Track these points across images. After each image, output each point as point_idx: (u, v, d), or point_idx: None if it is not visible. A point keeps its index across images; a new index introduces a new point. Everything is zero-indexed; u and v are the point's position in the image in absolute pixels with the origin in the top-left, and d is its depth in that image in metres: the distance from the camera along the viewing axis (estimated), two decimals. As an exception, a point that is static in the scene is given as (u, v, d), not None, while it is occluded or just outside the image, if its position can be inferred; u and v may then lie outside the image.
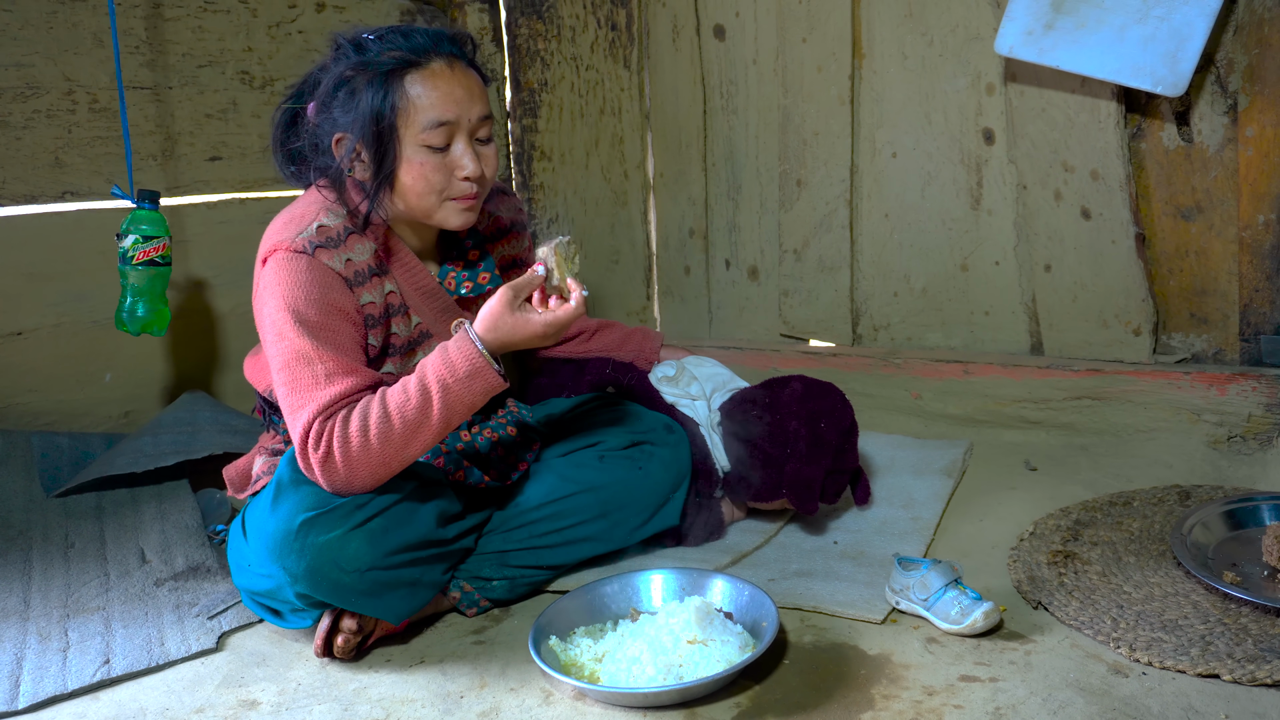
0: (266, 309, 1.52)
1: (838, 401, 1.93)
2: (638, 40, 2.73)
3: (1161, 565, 1.69)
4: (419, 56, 1.53)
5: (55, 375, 2.30)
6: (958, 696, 1.37)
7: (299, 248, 1.52)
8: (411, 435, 1.46)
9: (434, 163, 1.55)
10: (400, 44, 1.54)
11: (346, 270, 1.55)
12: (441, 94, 1.54)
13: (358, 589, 1.48)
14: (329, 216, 1.57)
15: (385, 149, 1.54)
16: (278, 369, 1.50)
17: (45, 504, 2.06)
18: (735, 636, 1.47)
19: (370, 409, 1.46)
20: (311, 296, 1.50)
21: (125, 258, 2.13)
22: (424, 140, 1.54)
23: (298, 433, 1.46)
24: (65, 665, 1.53)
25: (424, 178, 1.55)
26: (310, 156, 1.62)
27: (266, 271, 1.54)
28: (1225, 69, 2.12)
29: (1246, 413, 2.14)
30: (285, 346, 1.49)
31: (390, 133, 1.53)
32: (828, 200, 2.57)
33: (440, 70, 1.55)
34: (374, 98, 1.52)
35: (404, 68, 1.53)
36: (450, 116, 1.54)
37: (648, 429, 1.86)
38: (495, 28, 2.84)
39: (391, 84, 1.52)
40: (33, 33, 2.21)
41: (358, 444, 1.44)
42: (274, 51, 2.56)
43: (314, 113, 1.60)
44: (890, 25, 2.45)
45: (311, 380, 1.47)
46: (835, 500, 1.93)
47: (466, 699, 1.44)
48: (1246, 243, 2.17)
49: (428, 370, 1.48)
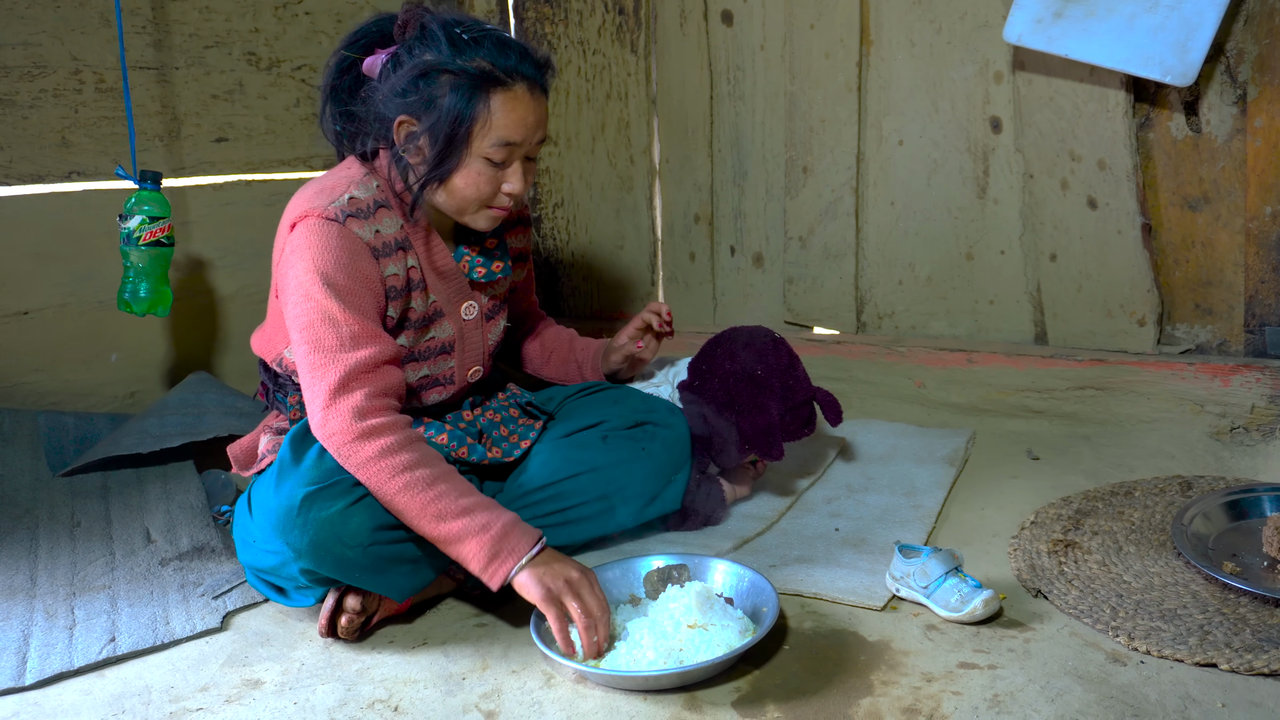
0: (293, 271, 1.54)
1: (768, 343, 1.95)
2: (645, 25, 2.72)
3: (1162, 555, 1.70)
4: (509, 77, 1.56)
5: (61, 355, 2.31)
6: (956, 683, 1.38)
7: (331, 215, 1.55)
8: (418, 511, 1.45)
9: (488, 174, 1.59)
10: (494, 57, 1.56)
11: (375, 241, 1.58)
12: (518, 118, 1.57)
13: (361, 564, 1.49)
14: (360, 189, 1.61)
15: (452, 151, 1.57)
16: (301, 328, 1.51)
17: (51, 483, 2.07)
18: (736, 621, 1.48)
19: (431, 463, 1.47)
20: (340, 261, 1.53)
21: (130, 239, 2.13)
22: (488, 154, 1.58)
23: (324, 385, 1.47)
24: (71, 643, 1.55)
25: (475, 185, 1.59)
26: (362, 125, 1.63)
27: (296, 235, 1.55)
28: (1235, 59, 2.11)
29: (1250, 404, 2.14)
30: (311, 307, 1.51)
31: (464, 140, 1.56)
32: (833, 187, 2.57)
33: (522, 95, 1.58)
34: (458, 102, 1.54)
35: (492, 83, 1.55)
36: (518, 139, 1.58)
37: (650, 409, 1.87)
38: (503, 11, 2.84)
39: (477, 95, 1.55)
40: (40, 11, 2.21)
41: (388, 466, 1.45)
42: (281, 32, 2.56)
43: (384, 85, 1.59)
44: (898, 12, 2.44)
45: (336, 341, 1.49)
46: (806, 433, 1.95)
47: (469, 680, 1.45)
48: (1253, 234, 2.16)
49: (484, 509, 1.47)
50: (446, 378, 1.74)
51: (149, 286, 2.16)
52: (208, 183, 2.49)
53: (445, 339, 1.72)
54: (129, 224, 2.12)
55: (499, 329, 1.82)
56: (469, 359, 1.77)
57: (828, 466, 2.18)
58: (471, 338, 1.76)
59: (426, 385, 1.73)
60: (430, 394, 1.73)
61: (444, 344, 1.72)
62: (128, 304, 2.16)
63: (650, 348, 1.97)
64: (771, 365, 1.92)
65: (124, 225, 2.13)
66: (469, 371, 1.78)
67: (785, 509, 1.98)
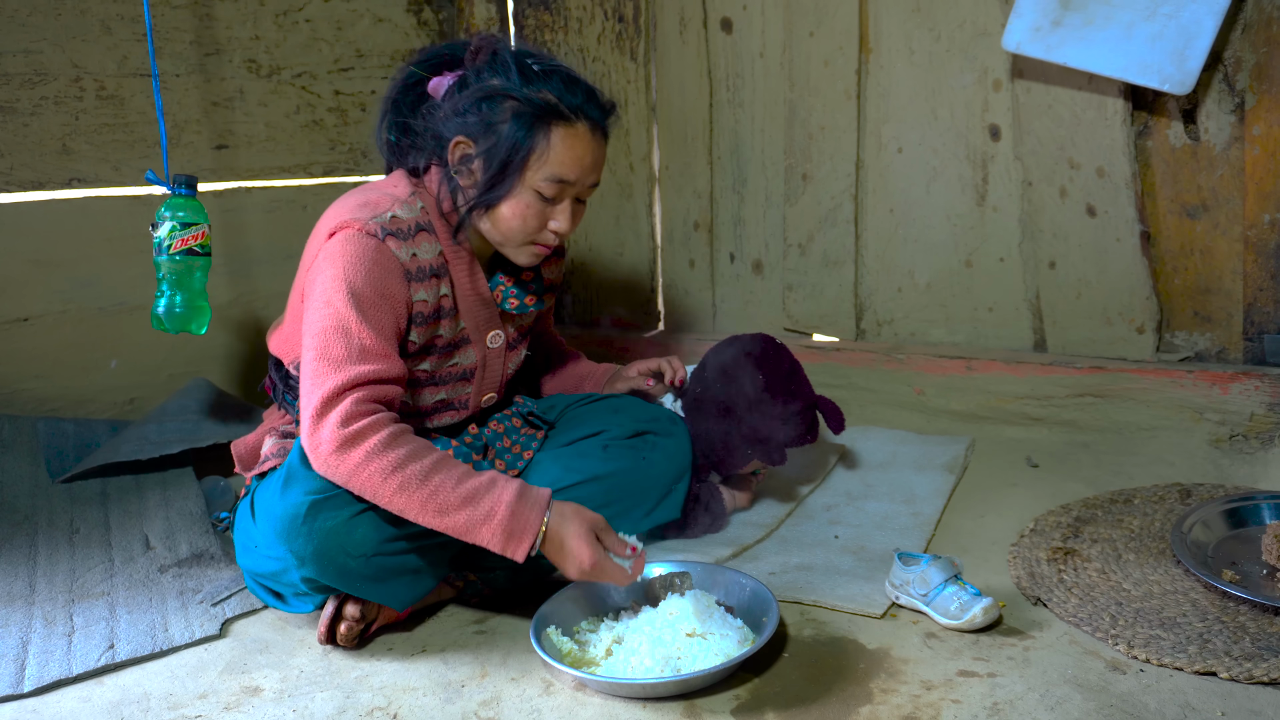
0: (322, 277, 1.51)
1: (770, 350, 1.96)
2: (644, 32, 2.73)
3: (1161, 563, 1.69)
4: (572, 114, 1.56)
5: (61, 361, 2.31)
6: (956, 691, 1.38)
7: (371, 230, 1.53)
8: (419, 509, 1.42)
9: (536, 208, 1.59)
10: (561, 92, 1.56)
11: (410, 264, 1.56)
12: (575, 156, 1.57)
13: (363, 574, 1.49)
14: (404, 209, 1.59)
15: (504, 179, 1.56)
16: (313, 333, 1.48)
17: (51, 489, 2.07)
18: (735, 630, 1.48)
19: (421, 454, 1.43)
20: (372, 276, 1.51)
21: (161, 248, 1.97)
22: (539, 187, 1.57)
23: (318, 395, 1.43)
24: (70, 649, 1.55)
25: (521, 217, 1.59)
26: (417, 140, 1.63)
27: (332, 244, 1.53)
28: (1233, 67, 2.12)
29: (1249, 412, 2.14)
30: (329, 314, 1.48)
31: (518, 168, 1.56)
32: (833, 195, 2.57)
33: (582, 133, 1.58)
34: (518, 131, 1.54)
35: (555, 118, 1.55)
36: (572, 178, 1.58)
37: (651, 419, 1.87)
38: (502, 19, 2.85)
39: (538, 126, 1.55)
40: (40, 19, 2.21)
41: (378, 469, 1.40)
42: (281, 40, 2.57)
43: (446, 104, 1.60)
44: (898, 20, 2.45)
45: (345, 353, 1.46)
46: (809, 439, 1.95)
47: (468, 688, 1.45)
48: (1251, 242, 2.17)
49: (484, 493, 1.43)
50: (461, 403, 1.74)
51: (184, 300, 2.00)
52: (208, 190, 2.49)
53: (467, 365, 1.71)
54: (159, 232, 1.97)
55: (519, 358, 1.82)
56: (486, 386, 1.77)
57: (827, 474, 2.18)
58: (492, 365, 1.75)
59: (440, 409, 1.72)
60: (443, 416, 1.73)
61: (465, 370, 1.71)
62: (160, 320, 1.99)
63: (657, 390, 1.98)
64: (773, 371, 1.93)
65: (155, 233, 1.98)
66: (484, 398, 1.78)
67: (785, 516, 1.98)
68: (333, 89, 2.66)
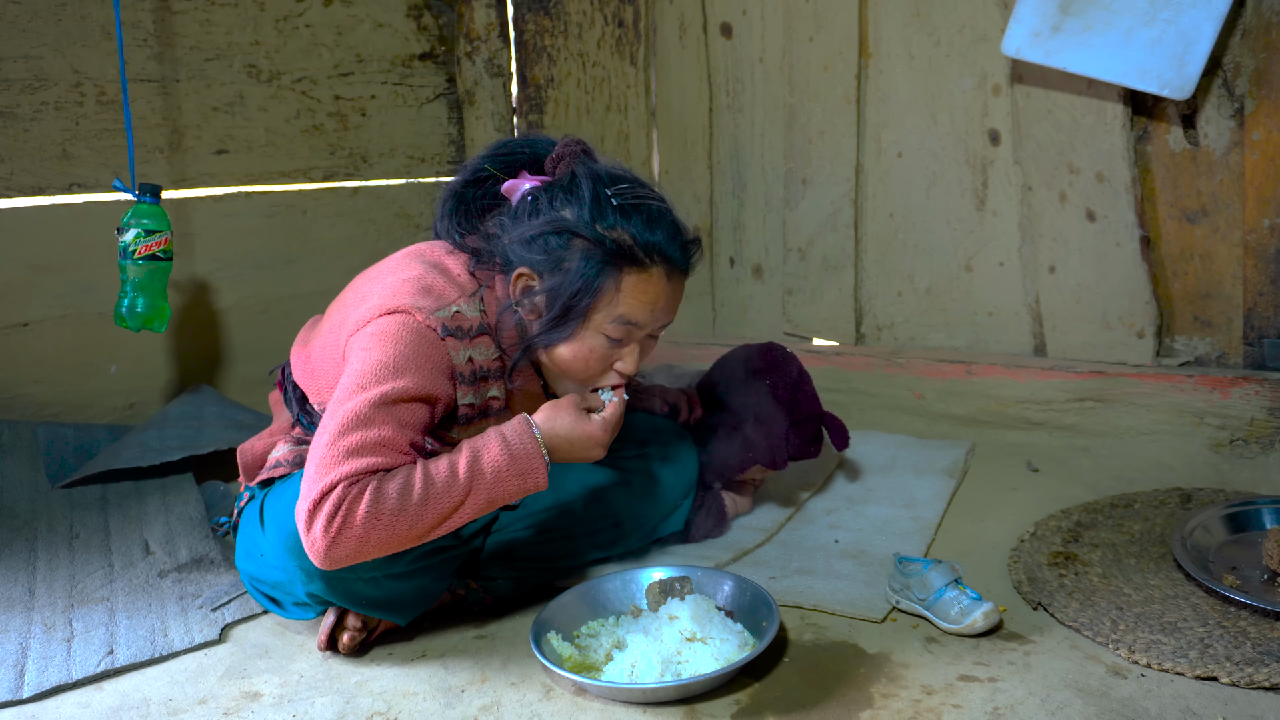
0: (368, 355, 1.42)
1: (778, 358, 1.97)
2: (644, 37, 2.73)
3: (1162, 568, 1.69)
4: (647, 257, 1.45)
5: (61, 366, 2.31)
6: (956, 696, 1.38)
7: (433, 325, 1.45)
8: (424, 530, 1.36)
9: (601, 351, 1.49)
10: (640, 232, 1.45)
11: (464, 368, 1.48)
12: (647, 301, 1.47)
13: (371, 597, 1.49)
14: (468, 306, 1.49)
15: (567, 321, 1.46)
16: (340, 414, 1.37)
17: (50, 495, 2.07)
18: (735, 634, 1.48)
19: (389, 480, 1.35)
20: (421, 374, 1.42)
21: (126, 252, 2.11)
22: (606, 329, 1.48)
23: (316, 488, 1.32)
24: (70, 655, 1.54)
25: (584, 360, 1.50)
26: (483, 249, 1.53)
27: (387, 324, 1.44)
28: (1232, 72, 2.12)
29: (1249, 416, 2.14)
30: (361, 401, 1.37)
31: (583, 311, 1.46)
32: (833, 199, 2.57)
33: (656, 277, 1.47)
34: (588, 270, 1.43)
35: (627, 260, 1.45)
36: (642, 321, 1.48)
37: (656, 430, 1.86)
38: (502, 23, 2.85)
39: (608, 268, 1.44)
40: (41, 25, 2.22)
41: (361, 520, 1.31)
42: (281, 45, 2.57)
43: (516, 225, 1.49)
44: (897, 25, 2.45)
45: (359, 442, 1.35)
46: (811, 452, 1.95)
47: (468, 693, 1.45)
48: (1251, 246, 2.17)
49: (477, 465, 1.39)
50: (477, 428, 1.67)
51: (146, 301, 2.13)
52: (208, 194, 2.50)
53: (492, 419, 1.60)
54: (125, 237, 2.10)
55: None
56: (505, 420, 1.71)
57: (827, 478, 2.18)
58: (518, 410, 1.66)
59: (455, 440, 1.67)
60: None
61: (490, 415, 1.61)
62: (123, 318, 2.13)
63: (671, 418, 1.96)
64: (780, 378, 1.94)
65: (121, 238, 2.11)
66: None
67: (785, 520, 1.98)
68: (333, 94, 2.67)
